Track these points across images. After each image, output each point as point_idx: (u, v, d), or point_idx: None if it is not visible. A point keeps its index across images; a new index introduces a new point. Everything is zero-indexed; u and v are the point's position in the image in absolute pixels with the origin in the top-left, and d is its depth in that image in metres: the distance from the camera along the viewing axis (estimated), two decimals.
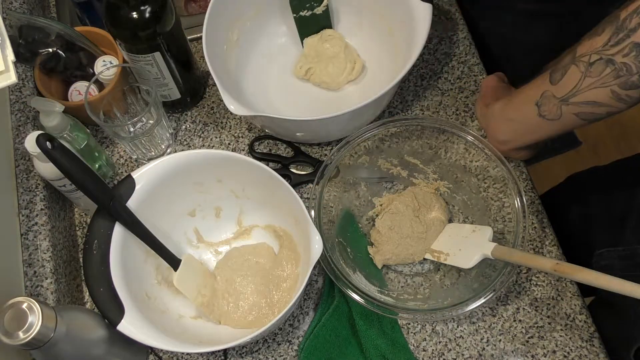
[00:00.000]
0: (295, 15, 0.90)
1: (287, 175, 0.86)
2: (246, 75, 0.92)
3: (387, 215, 0.81)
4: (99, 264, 0.67)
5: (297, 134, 0.85)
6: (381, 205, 0.83)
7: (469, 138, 0.76)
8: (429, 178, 0.83)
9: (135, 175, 0.71)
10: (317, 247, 0.66)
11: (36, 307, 0.56)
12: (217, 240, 0.83)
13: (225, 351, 0.77)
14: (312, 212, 0.74)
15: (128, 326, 0.64)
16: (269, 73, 0.94)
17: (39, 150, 0.69)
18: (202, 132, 0.91)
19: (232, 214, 0.82)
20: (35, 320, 0.55)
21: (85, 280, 0.67)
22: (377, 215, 0.82)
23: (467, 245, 0.75)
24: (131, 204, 0.71)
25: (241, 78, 0.91)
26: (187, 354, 0.78)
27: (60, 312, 0.58)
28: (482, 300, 0.68)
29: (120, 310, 0.65)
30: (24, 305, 0.56)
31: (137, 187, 0.71)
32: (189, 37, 0.88)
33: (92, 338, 0.64)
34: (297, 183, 0.86)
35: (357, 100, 0.75)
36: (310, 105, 0.92)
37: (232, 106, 0.75)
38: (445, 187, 0.83)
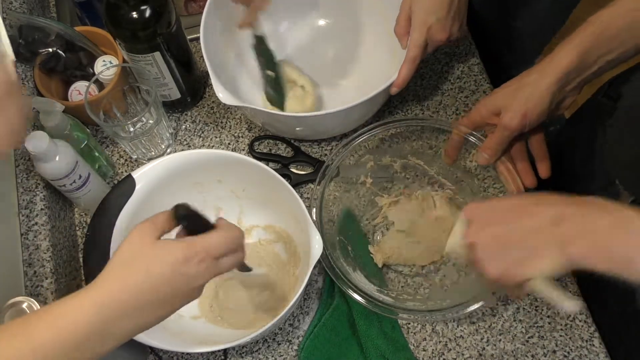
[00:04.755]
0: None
1: (287, 175, 0.86)
2: (243, 72, 0.92)
3: (396, 213, 0.80)
4: (99, 264, 0.67)
5: (297, 128, 0.85)
6: (388, 203, 0.83)
7: (471, 139, 0.76)
8: (431, 178, 0.84)
9: (135, 175, 0.71)
10: (317, 247, 0.66)
11: (36, 306, 0.57)
12: None
13: (225, 351, 0.77)
14: (314, 212, 0.74)
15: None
16: None
17: (38, 150, 0.69)
18: (202, 132, 0.91)
19: (232, 214, 0.82)
20: None
21: (86, 281, 0.67)
22: (381, 211, 0.82)
23: None
24: (131, 204, 0.71)
25: (238, 74, 0.91)
26: (187, 353, 0.78)
27: None
28: (482, 302, 0.68)
29: None
30: (24, 305, 0.57)
31: (137, 187, 0.71)
32: (189, 37, 0.88)
33: None
34: (297, 183, 0.86)
35: (354, 97, 0.75)
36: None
37: (221, 94, 0.76)
38: (448, 189, 0.83)
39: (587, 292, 0.77)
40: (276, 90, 0.86)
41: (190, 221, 0.53)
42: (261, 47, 0.84)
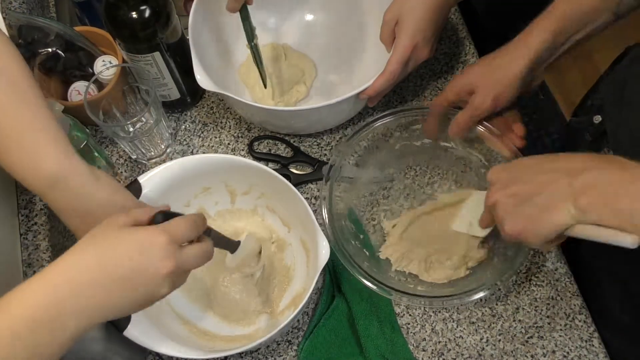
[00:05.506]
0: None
1: (286, 175, 0.86)
2: (232, 68, 0.93)
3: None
4: None
5: (291, 121, 0.85)
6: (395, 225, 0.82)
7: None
8: (431, 177, 0.83)
9: (142, 179, 0.71)
10: (324, 252, 0.66)
11: None
12: None
13: None
14: (324, 211, 0.74)
15: (134, 332, 0.64)
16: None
17: None
18: (202, 132, 0.91)
19: (239, 219, 0.82)
20: None
21: None
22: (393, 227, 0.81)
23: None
24: None
25: (227, 72, 0.91)
26: None
27: None
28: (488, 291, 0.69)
29: (127, 316, 0.64)
30: None
31: (144, 192, 0.71)
32: (188, 37, 0.88)
33: (89, 335, 0.63)
34: (296, 183, 0.86)
35: (343, 91, 0.76)
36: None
37: (199, 76, 0.77)
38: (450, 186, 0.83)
39: (587, 292, 0.77)
40: (256, 63, 0.85)
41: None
42: (244, 19, 0.82)
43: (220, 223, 0.82)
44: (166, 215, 0.53)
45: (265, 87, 0.87)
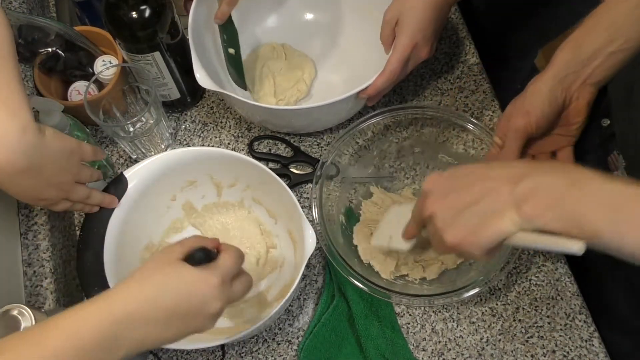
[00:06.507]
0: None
1: (286, 175, 0.86)
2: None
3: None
4: (93, 263, 0.68)
5: (292, 120, 0.85)
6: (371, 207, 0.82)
7: (469, 126, 0.77)
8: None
9: (127, 173, 0.72)
10: (310, 241, 0.67)
11: (27, 311, 0.57)
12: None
13: (223, 350, 0.77)
14: (315, 210, 0.74)
15: None
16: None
17: None
18: (202, 132, 0.91)
19: (226, 212, 0.83)
20: (29, 324, 0.56)
21: (80, 280, 0.67)
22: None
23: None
24: (124, 202, 0.71)
25: (227, 71, 0.91)
26: (186, 352, 0.78)
27: (52, 315, 0.58)
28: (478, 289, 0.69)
29: None
30: (15, 312, 0.57)
31: (129, 186, 0.72)
32: (188, 37, 0.88)
33: None
34: (296, 183, 0.86)
35: (342, 91, 0.76)
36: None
37: (199, 75, 0.78)
38: None
39: (588, 292, 0.77)
40: (237, 68, 0.86)
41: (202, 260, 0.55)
42: (226, 25, 0.82)
43: (207, 219, 0.82)
44: (205, 252, 0.55)
45: (245, 89, 0.89)
